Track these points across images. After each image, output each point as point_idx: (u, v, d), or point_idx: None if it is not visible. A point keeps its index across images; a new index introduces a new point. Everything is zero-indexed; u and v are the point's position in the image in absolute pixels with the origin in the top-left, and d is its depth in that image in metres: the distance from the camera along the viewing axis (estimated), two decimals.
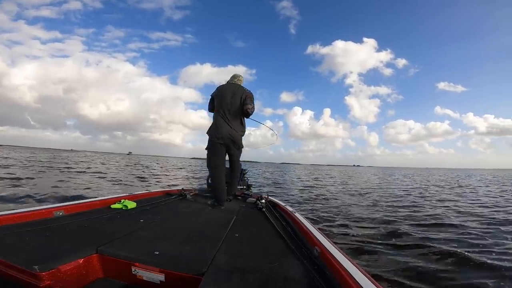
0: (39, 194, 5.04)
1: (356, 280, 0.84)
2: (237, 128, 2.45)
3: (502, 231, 3.64)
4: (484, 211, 5.28)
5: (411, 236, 3.30)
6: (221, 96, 2.45)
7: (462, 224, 4.01)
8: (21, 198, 4.61)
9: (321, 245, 1.21)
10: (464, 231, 3.58)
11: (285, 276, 1.00)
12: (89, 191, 6.14)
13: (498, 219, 4.40)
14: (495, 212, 5.12)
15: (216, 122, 2.44)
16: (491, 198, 7.60)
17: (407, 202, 6.49)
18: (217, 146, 2.43)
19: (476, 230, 3.61)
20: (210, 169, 2.57)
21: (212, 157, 2.49)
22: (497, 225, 4.00)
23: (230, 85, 2.53)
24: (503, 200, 6.99)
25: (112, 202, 2.05)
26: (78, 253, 1.08)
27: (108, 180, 8.85)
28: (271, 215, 2.08)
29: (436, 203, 6.39)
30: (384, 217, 4.38)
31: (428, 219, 4.40)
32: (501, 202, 6.55)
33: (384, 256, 2.60)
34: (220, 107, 2.43)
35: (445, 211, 5.15)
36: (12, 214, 1.42)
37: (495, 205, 6.03)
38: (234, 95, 2.42)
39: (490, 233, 3.49)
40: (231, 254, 1.19)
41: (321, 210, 5.10)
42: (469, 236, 3.35)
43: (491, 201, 6.75)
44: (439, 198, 7.31)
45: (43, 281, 0.92)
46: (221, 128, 2.38)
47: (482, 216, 4.67)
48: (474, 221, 4.29)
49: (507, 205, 6.04)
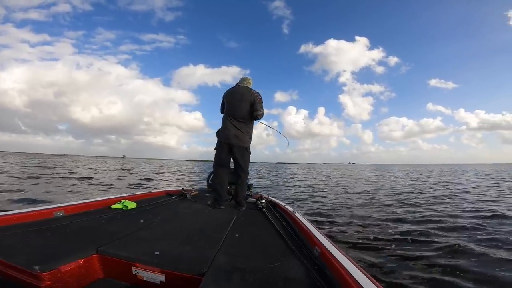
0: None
1: (356, 280, 0.83)
2: (244, 131, 2.46)
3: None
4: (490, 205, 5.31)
5: (415, 232, 3.30)
6: (230, 99, 2.49)
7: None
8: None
9: (322, 245, 1.21)
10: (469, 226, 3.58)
11: (285, 276, 1.00)
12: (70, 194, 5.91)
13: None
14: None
15: (224, 124, 2.48)
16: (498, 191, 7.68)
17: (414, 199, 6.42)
18: (222, 146, 2.47)
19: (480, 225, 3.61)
20: (214, 170, 2.60)
21: (217, 157, 2.53)
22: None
23: (240, 88, 2.54)
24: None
25: (113, 202, 2.06)
26: (78, 253, 1.08)
27: (94, 185, 8.17)
28: (271, 215, 2.08)
29: (434, 199, 6.39)
30: (396, 216, 4.34)
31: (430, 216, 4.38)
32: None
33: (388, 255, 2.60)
34: (229, 109, 2.48)
35: (446, 207, 5.15)
36: (12, 214, 1.42)
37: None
38: (243, 98, 2.44)
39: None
40: (231, 254, 1.19)
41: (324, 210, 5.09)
42: (474, 232, 3.34)
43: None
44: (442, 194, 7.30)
45: (43, 281, 0.92)
46: (228, 130, 2.43)
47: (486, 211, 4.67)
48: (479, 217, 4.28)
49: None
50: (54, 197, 5.56)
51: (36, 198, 5.11)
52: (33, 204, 4.66)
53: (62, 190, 6.55)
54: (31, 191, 6.09)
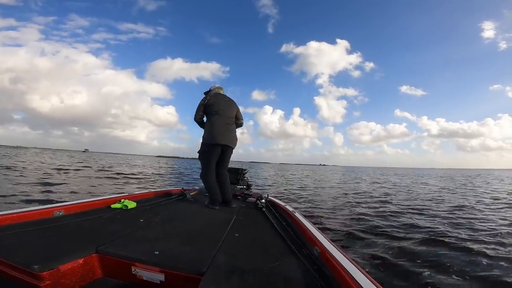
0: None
1: (356, 280, 0.83)
2: (234, 133, 2.66)
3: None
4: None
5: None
6: (219, 104, 2.57)
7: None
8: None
9: (321, 245, 1.21)
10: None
11: (285, 276, 1.00)
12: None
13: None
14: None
15: (218, 125, 2.48)
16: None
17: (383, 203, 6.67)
18: (214, 148, 2.47)
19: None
20: (207, 174, 2.47)
21: (210, 159, 2.49)
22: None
23: (224, 96, 2.71)
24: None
25: (112, 202, 2.06)
26: (78, 253, 1.08)
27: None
28: (271, 215, 2.08)
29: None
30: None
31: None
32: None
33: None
34: (221, 113, 2.53)
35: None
36: (11, 214, 1.42)
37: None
38: (231, 104, 2.65)
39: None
40: (231, 254, 1.19)
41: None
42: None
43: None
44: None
45: (43, 281, 0.92)
46: (224, 132, 2.49)
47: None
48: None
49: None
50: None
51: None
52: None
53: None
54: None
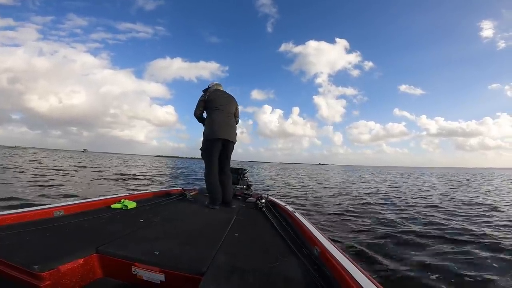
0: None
1: (356, 280, 0.83)
2: (235, 128, 2.66)
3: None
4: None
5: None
6: (220, 100, 2.58)
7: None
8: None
9: (321, 245, 1.21)
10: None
11: (285, 276, 1.00)
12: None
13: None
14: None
15: (218, 120, 2.47)
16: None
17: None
18: (217, 144, 2.46)
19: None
20: (210, 172, 2.46)
21: (212, 156, 2.48)
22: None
23: (224, 93, 2.71)
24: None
25: (112, 202, 2.05)
26: (78, 253, 1.07)
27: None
28: (271, 215, 2.08)
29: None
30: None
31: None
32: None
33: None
34: (222, 108, 2.54)
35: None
36: (11, 214, 1.42)
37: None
38: (231, 100, 2.67)
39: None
40: (231, 254, 1.19)
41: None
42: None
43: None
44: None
45: (43, 281, 0.92)
46: (226, 126, 2.50)
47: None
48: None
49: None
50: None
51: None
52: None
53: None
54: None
